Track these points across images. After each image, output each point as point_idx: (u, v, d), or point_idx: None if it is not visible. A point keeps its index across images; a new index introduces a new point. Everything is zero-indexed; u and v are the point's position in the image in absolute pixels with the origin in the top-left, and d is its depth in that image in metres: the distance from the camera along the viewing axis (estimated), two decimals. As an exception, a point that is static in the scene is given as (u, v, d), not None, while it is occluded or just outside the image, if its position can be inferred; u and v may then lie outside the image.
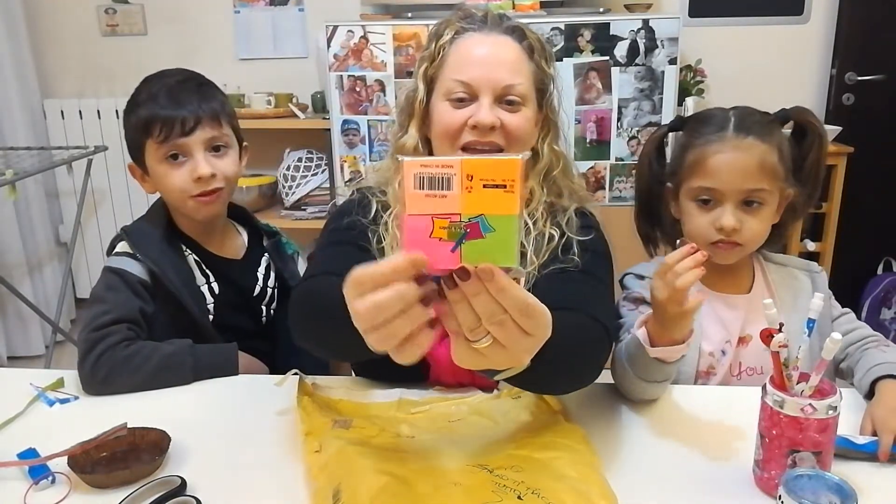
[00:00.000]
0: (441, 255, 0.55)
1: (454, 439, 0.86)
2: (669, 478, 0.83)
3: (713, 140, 1.07)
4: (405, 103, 1.10)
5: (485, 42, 1.03)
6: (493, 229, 0.55)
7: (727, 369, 1.12)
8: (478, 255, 0.55)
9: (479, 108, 1.00)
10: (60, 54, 3.16)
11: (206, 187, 1.17)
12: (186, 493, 0.80)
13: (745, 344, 1.12)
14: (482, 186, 0.54)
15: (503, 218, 0.55)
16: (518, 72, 1.02)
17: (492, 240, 0.55)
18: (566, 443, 0.84)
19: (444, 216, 0.55)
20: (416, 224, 0.55)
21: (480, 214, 0.55)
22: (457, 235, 0.55)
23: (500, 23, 1.06)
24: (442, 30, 1.06)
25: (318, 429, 0.86)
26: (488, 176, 0.54)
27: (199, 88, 1.20)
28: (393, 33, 2.46)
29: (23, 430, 0.96)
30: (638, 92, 2.44)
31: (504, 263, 0.56)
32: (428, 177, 0.55)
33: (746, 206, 1.06)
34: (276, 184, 2.95)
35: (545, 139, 1.08)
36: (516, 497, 0.70)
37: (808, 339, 0.80)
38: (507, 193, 0.54)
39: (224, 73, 3.05)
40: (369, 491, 0.71)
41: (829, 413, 0.75)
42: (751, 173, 1.05)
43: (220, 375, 1.10)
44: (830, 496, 0.68)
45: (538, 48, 1.06)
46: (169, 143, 1.15)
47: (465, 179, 0.55)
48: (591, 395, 1.02)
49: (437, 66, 1.05)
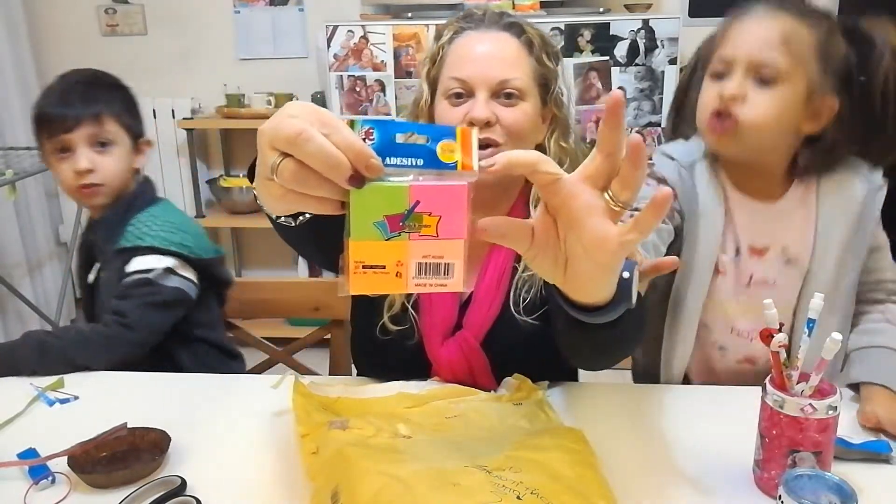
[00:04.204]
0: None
1: (452, 440, 0.86)
2: (669, 478, 0.83)
3: (741, 13, 0.98)
4: (412, 106, 1.11)
5: (482, 39, 1.04)
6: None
7: (739, 273, 1.06)
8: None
9: (474, 104, 1.00)
10: (60, 54, 3.16)
11: (85, 181, 1.26)
12: (186, 493, 0.80)
13: (761, 255, 1.05)
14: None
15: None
16: (515, 66, 1.02)
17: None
18: (565, 443, 0.83)
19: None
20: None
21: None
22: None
23: (498, 20, 1.06)
24: (442, 31, 1.07)
25: (314, 430, 0.86)
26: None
27: (88, 89, 1.30)
28: (393, 33, 2.46)
29: (23, 430, 0.96)
30: (638, 92, 2.44)
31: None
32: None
33: (760, 83, 0.94)
34: (276, 184, 2.96)
35: (552, 136, 1.08)
36: (515, 497, 0.70)
37: (808, 340, 0.80)
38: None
39: (224, 73, 3.06)
40: (368, 492, 0.70)
41: (829, 413, 0.75)
42: (769, 42, 0.93)
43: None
44: (830, 496, 0.68)
45: (539, 43, 1.05)
46: (55, 138, 1.26)
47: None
48: (591, 395, 1.02)
49: (438, 67, 1.05)
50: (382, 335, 1.07)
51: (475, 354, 1.04)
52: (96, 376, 1.12)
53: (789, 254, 1.05)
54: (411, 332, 1.06)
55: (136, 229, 1.25)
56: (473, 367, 1.05)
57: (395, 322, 1.06)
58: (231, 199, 2.97)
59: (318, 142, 0.53)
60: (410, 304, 1.06)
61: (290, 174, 0.54)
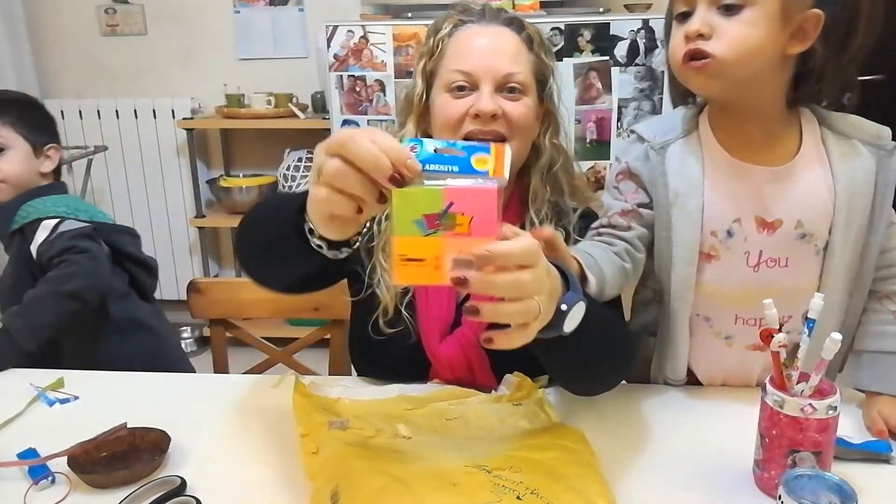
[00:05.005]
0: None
1: (452, 440, 0.86)
2: (669, 478, 0.83)
3: None
4: (405, 101, 1.10)
5: (484, 33, 1.04)
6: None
7: (739, 256, 0.95)
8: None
9: (479, 97, 1.00)
10: (60, 54, 3.16)
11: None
12: (186, 493, 0.80)
13: (772, 230, 0.94)
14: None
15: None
16: (518, 61, 1.02)
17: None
18: (564, 443, 0.84)
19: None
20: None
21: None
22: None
23: (498, 15, 1.06)
24: (440, 24, 1.07)
25: (314, 430, 0.86)
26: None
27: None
28: (393, 33, 2.46)
29: (23, 430, 0.96)
30: (638, 92, 2.44)
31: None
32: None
33: (726, 12, 0.85)
34: (276, 184, 2.95)
35: (546, 133, 1.08)
36: (515, 497, 0.70)
37: (808, 340, 0.80)
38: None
39: (224, 73, 3.06)
40: (368, 492, 0.71)
41: (829, 413, 0.75)
42: None
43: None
44: (830, 496, 0.68)
45: (537, 40, 1.06)
46: None
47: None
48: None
49: (437, 60, 1.05)
50: (378, 335, 1.06)
51: (474, 351, 1.04)
52: (96, 376, 1.12)
53: (804, 228, 0.93)
54: (409, 331, 1.06)
55: (24, 210, 1.44)
56: (473, 364, 1.05)
57: (390, 325, 1.06)
58: (231, 199, 2.97)
59: (365, 144, 0.63)
60: (404, 305, 1.06)
61: (335, 170, 0.64)
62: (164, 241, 3.20)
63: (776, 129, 0.95)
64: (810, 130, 0.95)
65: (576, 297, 0.72)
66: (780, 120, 0.95)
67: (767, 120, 0.94)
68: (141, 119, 3.08)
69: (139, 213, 3.18)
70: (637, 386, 1.06)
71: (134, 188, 3.17)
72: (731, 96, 0.92)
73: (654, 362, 1.07)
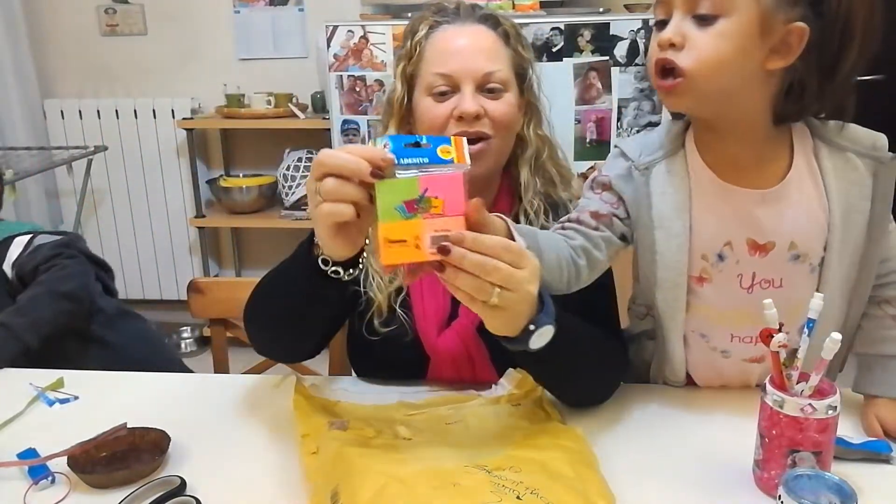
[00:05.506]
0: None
1: (452, 441, 0.86)
2: (669, 478, 0.83)
3: None
4: (386, 104, 1.11)
5: (461, 33, 1.04)
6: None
7: (732, 278, 0.93)
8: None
9: (462, 99, 1.01)
10: (60, 54, 3.16)
11: None
12: (186, 493, 0.80)
13: (764, 252, 0.91)
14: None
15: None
16: (496, 58, 1.03)
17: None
18: (564, 443, 0.84)
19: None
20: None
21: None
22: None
23: (472, 13, 1.07)
24: (416, 26, 1.07)
25: (315, 430, 0.86)
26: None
27: None
28: (393, 33, 2.46)
29: (23, 430, 0.96)
30: (638, 92, 2.44)
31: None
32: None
33: (700, 22, 0.81)
34: (276, 184, 2.95)
35: (529, 124, 1.09)
36: (515, 497, 0.70)
37: (808, 340, 0.79)
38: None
39: (224, 73, 3.06)
40: (368, 492, 0.70)
41: (828, 413, 0.75)
42: None
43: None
44: (830, 496, 0.68)
45: (513, 34, 1.07)
46: None
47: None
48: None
49: (416, 63, 1.05)
50: (373, 335, 1.06)
51: (474, 342, 1.04)
52: (96, 376, 1.12)
53: (798, 248, 0.91)
54: (405, 329, 1.06)
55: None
56: (473, 356, 1.05)
57: (385, 325, 1.06)
58: (231, 199, 2.97)
59: (343, 155, 0.73)
60: (398, 304, 1.06)
61: (331, 186, 0.74)
62: (164, 241, 3.20)
63: (764, 149, 0.90)
64: (802, 146, 0.91)
65: (546, 320, 0.78)
66: (769, 137, 0.90)
67: (754, 139, 0.89)
68: (141, 119, 3.08)
69: (139, 213, 3.18)
70: (637, 386, 1.06)
71: (134, 188, 3.16)
72: (708, 112, 0.88)
73: (654, 365, 1.07)
